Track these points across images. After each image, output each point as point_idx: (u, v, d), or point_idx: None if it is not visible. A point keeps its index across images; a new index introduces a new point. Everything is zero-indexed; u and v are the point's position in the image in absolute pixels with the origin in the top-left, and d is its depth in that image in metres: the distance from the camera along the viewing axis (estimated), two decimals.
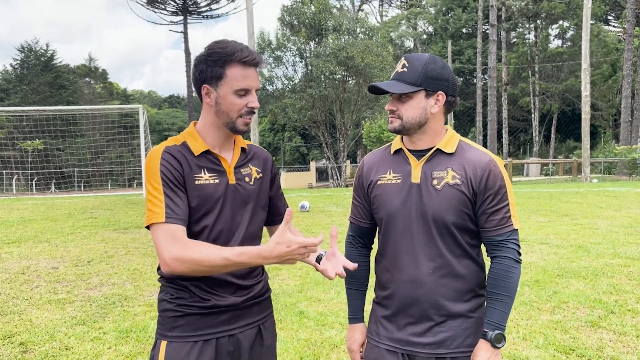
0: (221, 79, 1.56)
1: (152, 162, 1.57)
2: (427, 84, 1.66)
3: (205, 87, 1.59)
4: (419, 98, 1.67)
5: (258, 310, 1.75)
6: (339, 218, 10.36)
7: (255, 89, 1.61)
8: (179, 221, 1.51)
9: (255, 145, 1.84)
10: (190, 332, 1.61)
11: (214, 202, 1.62)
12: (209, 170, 1.63)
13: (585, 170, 22.02)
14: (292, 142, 47.29)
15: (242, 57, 1.55)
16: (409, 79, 1.66)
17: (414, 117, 1.67)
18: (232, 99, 1.58)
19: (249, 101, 1.59)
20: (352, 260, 1.90)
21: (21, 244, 7.84)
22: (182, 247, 1.47)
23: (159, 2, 42.03)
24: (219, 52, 1.56)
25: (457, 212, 1.66)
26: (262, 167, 1.78)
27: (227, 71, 1.56)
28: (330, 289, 5.21)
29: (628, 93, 31.32)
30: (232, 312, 1.66)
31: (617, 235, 7.67)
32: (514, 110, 45.11)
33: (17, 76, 43.15)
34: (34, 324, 4.31)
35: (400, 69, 1.69)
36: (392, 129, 1.72)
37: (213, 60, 1.56)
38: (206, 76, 1.57)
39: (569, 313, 4.37)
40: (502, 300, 1.65)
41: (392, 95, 1.70)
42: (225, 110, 1.60)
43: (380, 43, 28.37)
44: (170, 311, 1.63)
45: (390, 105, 1.71)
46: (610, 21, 47.78)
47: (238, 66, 1.56)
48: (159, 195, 1.52)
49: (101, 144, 36.25)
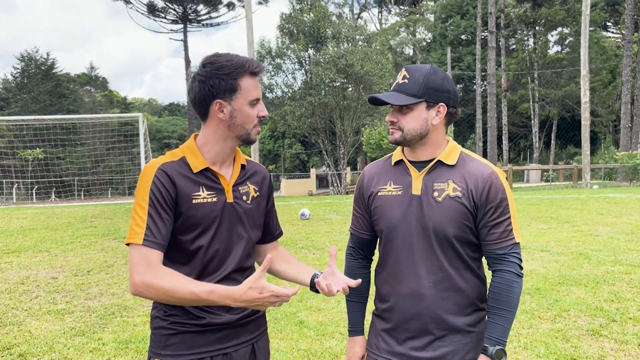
0: (236, 91, 1.56)
1: (145, 178, 1.55)
2: (428, 96, 1.65)
3: (218, 102, 1.56)
4: (420, 109, 1.66)
5: (253, 328, 1.72)
6: (339, 226, 10.34)
7: (261, 97, 1.66)
8: (156, 245, 1.50)
9: (254, 161, 1.82)
10: (184, 351, 1.58)
11: (211, 221, 1.60)
12: (207, 188, 1.61)
13: (585, 176, 22.03)
14: (292, 149, 47.33)
15: (252, 68, 1.58)
16: (409, 90, 1.65)
17: (415, 128, 1.66)
18: (247, 111, 1.59)
19: (259, 110, 1.62)
20: (352, 272, 1.90)
21: (21, 253, 7.82)
22: (153, 274, 1.46)
23: (159, 10, 42.27)
24: (230, 66, 1.55)
25: (458, 224, 1.64)
26: (260, 185, 1.77)
27: (241, 83, 1.56)
28: (331, 298, 5.19)
29: (627, 99, 31.35)
30: (227, 330, 1.63)
31: (618, 242, 7.65)
32: (514, 116, 45.17)
33: (17, 85, 43.27)
34: (33, 335, 4.29)
35: (401, 80, 1.68)
36: (392, 141, 1.71)
37: (225, 73, 1.54)
38: (219, 90, 1.55)
39: (570, 321, 4.35)
40: (503, 315, 1.64)
41: (393, 106, 1.69)
42: (241, 123, 1.59)
43: (380, 50, 28.45)
44: (164, 329, 1.61)
45: (391, 117, 1.70)
46: (609, 27, 47.95)
47: (249, 77, 1.58)
48: (143, 215, 1.51)
49: (101, 153, 36.29)
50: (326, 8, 29.94)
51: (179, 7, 42.52)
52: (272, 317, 4.63)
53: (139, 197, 1.53)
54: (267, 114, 1.64)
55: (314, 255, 7.39)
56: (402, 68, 1.72)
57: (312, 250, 7.81)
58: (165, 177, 1.55)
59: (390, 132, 1.72)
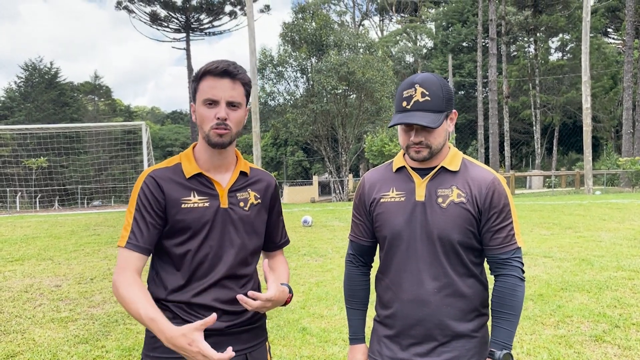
0: (196, 92, 1.61)
1: (136, 185, 1.64)
2: (447, 107, 1.65)
3: (192, 104, 1.65)
4: (445, 124, 1.66)
5: (247, 338, 1.69)
6: (341, 233, 10.35)
7: (224, 100, 1.58)
8: (137, 248, 1.57)
9: (261, 170, 1.83)
10: (171, 354, 1.53)
11: (201, 226, 1.62)
12: (199, 193, 1.63)
13: (587, 182, 22.00)
14: (295, 157, 47.39)
15: (208, 68, 1.58)
16: (435, 107, 1.62)
17: (441, 142, 1.67)
18: (201, 110, 1.59)
19: (216, 112, 1.58)
20: (352, 279, 1.90)
21: (24, 261, 7.84)
22: (122, 279, 1.53)
23: (162, 19, 42.54)
24: (198, 70, 1.62)
25: (462, 230, 1.65)
26: (263, 193, 1.76)
27: (200, 84, 1.60)
28: (333, 304, 5.19)
29: (629, 105, 31.38)
30: (217, 337, 1.60)
31: (621, 248, 7.64)
32: (516, 122, 45.20)
33: (21, 94, 43.55)
34: (37, 343, 4.30)
35: (421, 98, 1.61)
36: (420, 159, 1.67)
37: (193, 78, 1.63)
38: (191, 94, 1.64)
39: (573, 327, 4.34)
40: (508, 319, 1.64)
41: (417, 126, 1.63)
42: (200, 124, 1.61)
43: (381, 58, 28.56)
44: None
45: (417, 138, 1.64)
46: (610, 33, 48.04)
47: (209, 78, 1.59)
48: (130, 219, 1.60)
49: (104, 161, 36.41)
50: (328, 16, 30.11)
51: (181, 16, 42.82)
52: (274, 324, 4.64)
53: (130, 203, 1.62)
54: (222, 116, 1.56)
55: (316, 262, 7.40)
56: (414, 84, 1.64)
57: (315, 257, 7.81)
58: (153, 183, 1.61)
59: (414, 151, 1.67)
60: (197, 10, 42.97)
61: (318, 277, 6.45)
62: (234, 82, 1.60)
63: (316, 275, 6.59)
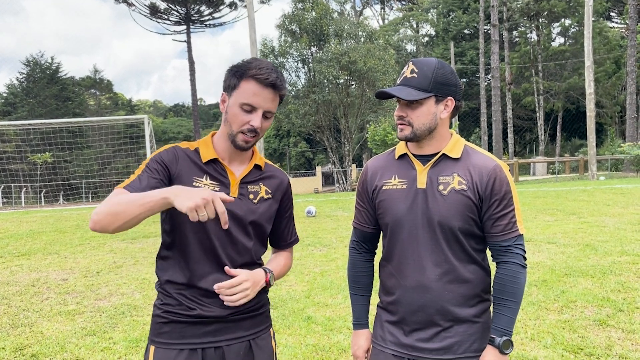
0: (234, 89, 1.61)
1: (158, 150, 1.67)
2: (437, 90, 1.64)
3: (223, 94, 1.66)
4: (429, 104, 1.65)
5: (249, 325, 1.71)
6: (345, 222, 10.37)
7: (263, 109, 1.61)
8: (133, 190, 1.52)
9: (276, 167, 1.84)
10: (175, 340, 1.62)
11: None
12: (212, 178, 1.66)
13: (591, 168, 21.94)
14: (298, 148, 47.38)
15: (256, 74, 1.58)
16: (419, 84, 1.63)
17: (425, 123, 1.66)
18: (236, 111, 1.61)
19: (251, 119, 1.60)
20: (356, 265, 1.92)
21: (31, 256, 7.90)
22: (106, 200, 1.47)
23: (161, 12, 42.34)
24: (240, 65, 1.62)
25: (463, 217, 1.65)
26: (275, 189, 1.78)
27: (242, 83, 1.60)
28: (338, 293, 5.22)
29: (632, 89, 31.17)
30: (218, 324, 1.64)
31: (625, 233, 7.63)
32: (519, 109, 45.01)
33: (23, 90, 43.55)
34: (45, 336, 4.35)
35: (409, 74, 1.65)
36: (402, 137, 1.69)
37: (233, 71, 1.63)
38: (226, 85, 1.64)
39: (577, 312, 4.36)
40: (509, 305, 1.65)
41: (401, 101, 1.67)
42: (229, 121, 1.63)
43: (382, 46, 28.40)
44: (158, 317, 1.66)
45: (399, 112, 1.68)
46: (613, 17, 47.63)
47: (253, 82, 1.59)
48: (138, 172, 1.60)
49: (108, 155, 36.48)
50: (328, 5, 29.90)
51: (181, 8, 42.59)
52: (280, 313, 4.67)
53: (144, 162, 1.63)
54: (256, 125, 1.59)
55: (320, 252, 7.43)
56: (409, 62, 1.69)
57: (319, 247, 7.85)
58: (172, 153, 1.65)
59: (399, 129, 1.69)
60: (197, 1, 42.73)
61: (322, 267, 6.48)
62: (276, 94, 1.63)
63: (320, 264, 6.62)
